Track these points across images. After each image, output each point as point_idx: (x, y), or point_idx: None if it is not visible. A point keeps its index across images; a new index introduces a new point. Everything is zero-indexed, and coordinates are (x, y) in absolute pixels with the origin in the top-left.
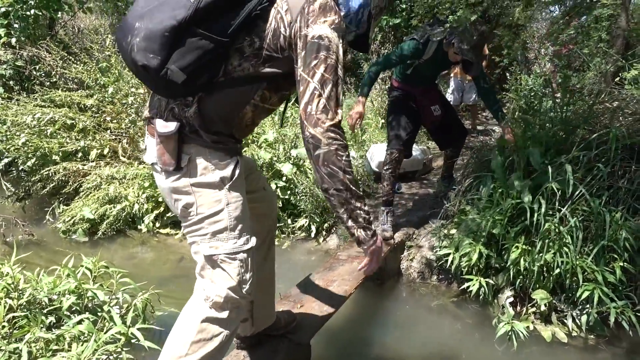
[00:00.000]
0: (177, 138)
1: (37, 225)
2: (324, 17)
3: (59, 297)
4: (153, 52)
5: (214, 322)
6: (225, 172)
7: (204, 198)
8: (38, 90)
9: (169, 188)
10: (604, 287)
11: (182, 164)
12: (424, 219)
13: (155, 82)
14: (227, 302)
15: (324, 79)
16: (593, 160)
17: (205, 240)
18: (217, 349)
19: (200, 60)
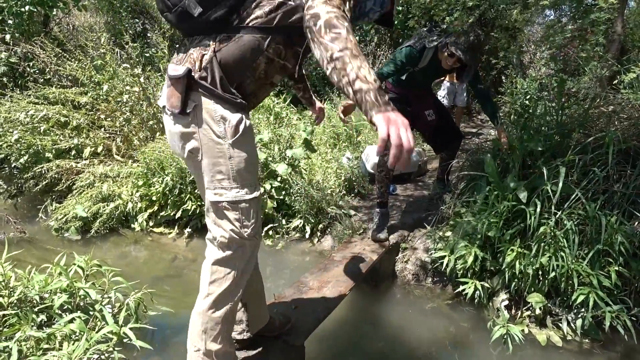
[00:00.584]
0: (186, 83)
1: (29, 222)
2: None
3: (50, 296)
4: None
5: (222, 261)
6: (230, 125)
7: (207, 147)
8: (32, 87)
9: (177, 132)
10: (599, 291)
11: (188, 109)
12: (419, 221)
13: (175, 15)
14: (232, 242)
15: None
16: (589, 164)
17: (211, 187)
18: (232, 287)
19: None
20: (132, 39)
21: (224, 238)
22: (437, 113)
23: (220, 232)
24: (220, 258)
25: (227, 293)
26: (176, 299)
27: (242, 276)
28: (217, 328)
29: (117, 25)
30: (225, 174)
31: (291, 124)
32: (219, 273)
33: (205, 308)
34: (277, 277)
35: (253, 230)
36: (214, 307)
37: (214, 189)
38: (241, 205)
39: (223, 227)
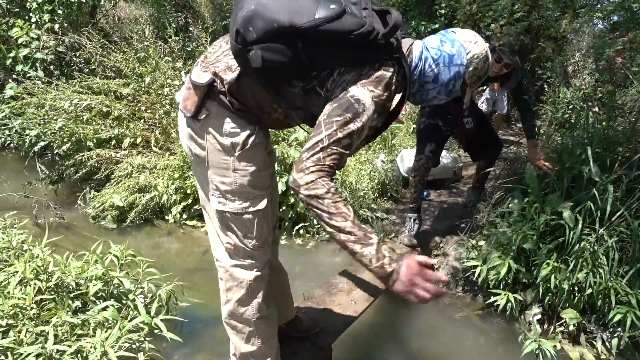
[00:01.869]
0: (205, 91)
1: (68, 209)
2: (373, 87)
3: (85, 283)
4: (253, 27)
5: (235, 268)
6: (237, 139)
7: (213, 156)
8: (77, 76)
9: (186, 133)
10: (637, 310)
11: (200, 117)
12: (452, 228)
13: (236, 49)
14: (238, 250)
15: (336, 137)
16: (634, 180)
17: (216, 195)
18: (249, 293)
19: (282, 65)
20: (175, 32)
21: (230, 245)
22: (476, 121)
23: (226, 239)
24: (229, 267)
25: (244, 299)
26: (206, 292)
27: (256, 285)
28: (246, 331)
29: (161, 18)
30: (229, 186)
31: None
32: (232, 281)
33: (226, 315)
34: (307, 276)
35: (258, 241)
36: (234, 313)
37: (218, 198)
38: (245, 217)
39: (228, 235)
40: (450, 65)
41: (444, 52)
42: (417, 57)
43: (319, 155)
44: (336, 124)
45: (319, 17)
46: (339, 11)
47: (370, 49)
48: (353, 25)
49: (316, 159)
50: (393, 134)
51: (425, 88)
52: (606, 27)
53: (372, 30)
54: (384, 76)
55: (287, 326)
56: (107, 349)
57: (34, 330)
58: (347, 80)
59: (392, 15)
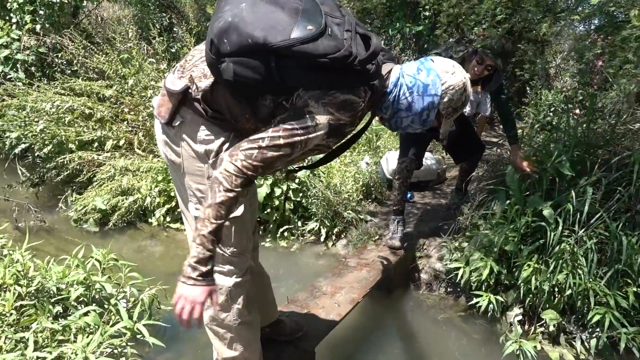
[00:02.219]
0: (180, 98)
1: (50, 212)
2: (334, 110)
3: (67, 287)
4: (227, 40)
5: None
6: (211, 146)
7: (188, 163)
8: (59, 77)
9: (162, 139)
10: (615, 311)
11: (174, 123)
12: (435, 230)
13: (210, 58)
14: (217, 257)
15: (276, 142)
16: (612, 182)
17: (193, 201)
18: (229, 299)
19: (253, 82)
20: (159, 33)
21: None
22: (459, 124)
23: None
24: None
25: (224, 305)
26: None
27: (236, 291)
28: (228, 336)
29: (145, 19)
30: (204, 193)
31: None
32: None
33: (207, 320)
34: (291, 279)
35: (237, 248)
36: (215, 319)
37: (195, 204)
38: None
39: None
40: (424, 94)
41: (419, 81)
42: (392, 83)
43: (253, 152)
44: (283, 131)
45: (293, 37)
46: (315, 33)
47: (345, 74)
48: (328, 49)
49: (249, 153)
50: (378, 135)
51: (399, 115)
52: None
53: (349, 55)
54: (351, 101)
55: (271, 329)
56: (88, 355)
57: (13, 336)
58: (312, 94)
59: (373, 42)
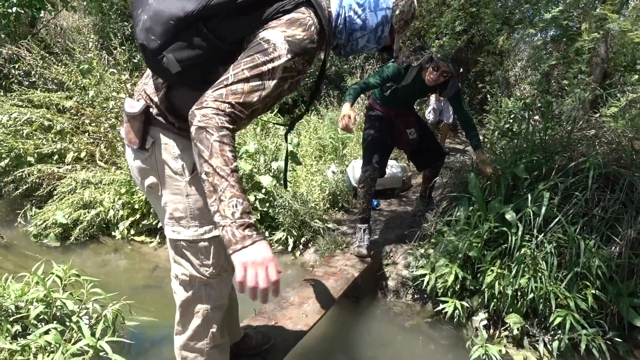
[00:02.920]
0: (144, 119)
1: (8, 227)
2: (285, 28)
3: (26, 305)
4: (154, 35)
5: (187, 302)
6: (189, 161)
7: (166, 183)
8: (16, 89)
9: (136, 167)
10: (575, 313)
11: (147, 146)
12: (402, 237)
13: (152, 63)
14: (193, 281)
15: (241, 75)
16: (570, 187)
17: (169, 224)
18: (204, 324)
19: (198, 59)
20: (121, 42)
21: (185, 276)
22: (419, 132)
23: (180, 270)
24: (185, 298)
25: (199, 330)
26: (155, 311)
27: (214, 314)
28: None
29: (106, 28)
30: (183, 212)
31: (277, 135)
32: (189, 312)
33: (182, 344)
34: None
35: (215, 269)
36: (190, 344)
37: (172, 226)
38: (200, 244)
39: (183, 265)
40: (376, 10)
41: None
42: (337, 5)
43: (221, 92)
44: (244, 64)
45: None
46: None
47: (271, 2)
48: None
49: (218, 94)
50: (344, 144)
51: (354, 37)
52: (543, 39)
53: None
54: (296, 18)
55: (236, 346)
56: None
57: None
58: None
59: None
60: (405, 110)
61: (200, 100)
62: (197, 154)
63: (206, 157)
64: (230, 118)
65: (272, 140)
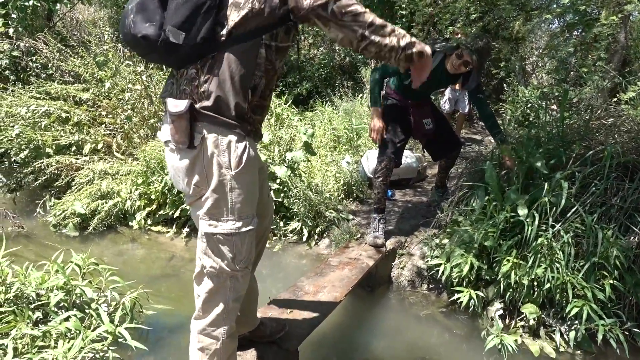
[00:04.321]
0: (189, 117)
1: (28, 217)
2: None
3: (46, 293)
4: (149, 20)
5: (213, 291)
6: (234, 155)
7: (212, 178)
8: (34, 81)
9: (182, 167)
10: (593, 304)
11: (195, 143)
12: (417, 227)
13: (161, 52)
14: (222, 273)
15: None
16: (587, 177)
17: (206, 218)
18: (224, 314)
19: (195, 13)
20: None
21: (214, 269)
22: (435, 122)
23: (210, 262)
24: (210, 288)
25: (219, 319)
26: (172, 299)
27: (234, 305)
28: (212, 348)
29: None
30: (224, 206)
31: (292, 126)
32: (210, 303)
33: (200, 329)
34: (274, 279)
35: (245, 262)
36: (209, 330)
37: (208, 220)
38: (235, 237)
39: (213, 259)
40: None
41: None
42: None
43: None
44: None
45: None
46: None
47: None
48: None
49: None
50: (358, 134)
51: None
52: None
53: None
54: None
55: (251, 333)
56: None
57: None
58: None
59: None
60: (422, 100)
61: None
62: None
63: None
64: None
65: (286, 131)
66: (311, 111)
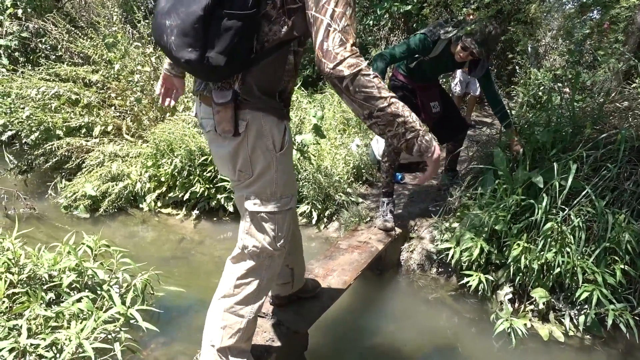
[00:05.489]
0: (234, 106)
1: (39, 199)
2: None
3: (59, 274)
4: (190, 46)
5: (250, 270)
6: (277, 138)
7: (258, 162)
8: (43, 63)
9: (226, 154)
10: (603, 288)
11: (240, 130)
12: (426, 211)
13: (202, 72)
14: (262, 252)
15: (336, 13)
16: (599, 160)
17: (251, 198)
18: (256, 293)
19: (234, 38)
20: (144, 15)
21: (256, 248)
22: (442, 104)
23: (252, 242)
24: (249, 267)
25: (250, 297)
26: (182, 281)
27: (267, 284)
28: (236, 327)
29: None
30: (269, 186)
31: (301, 108)
32: (245, 280)
33: (227, 307)
34: None
35: (285, 240)
36: (236, 308)
37: (254, 199)
38: (277, 216)
39: (257, 238)
40: None
41: None
42: None
43: (339, 37)
44: (327, 4)
45: None
46: None
47: None
48: None
49: (339, 41)
50: None
51: None
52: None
53: None
54: None
55: (299, 291)
56: (82, 340)
57: (6, 324)
58: None
59: None
60: (429, 82)
61: (327, 54)
62: (364, 97)
63: (376, 95)
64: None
65: (295, 114)
66: (321, 93)
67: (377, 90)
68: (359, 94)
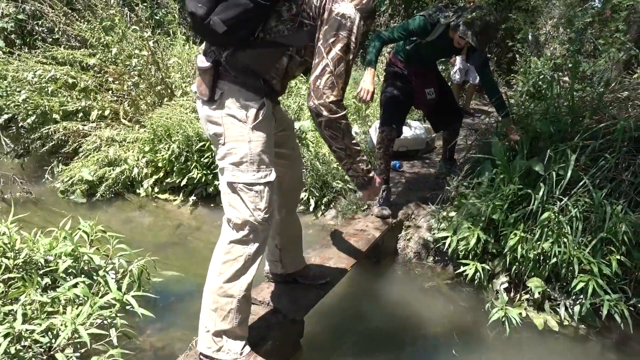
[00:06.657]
0: (213, 73)
1: (36, 183)
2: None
3: (55, 259)
4: (201, 2)
5: (236, 242)
6: (251, 111)
7: (230, 131)
8: (40, 46)
9: (204, 116)
10: (599, 279)
11: (216, 97)
12: (424, 199)
13: (200, 29)
14: (245, 224)
15: (338, 57)
16: (597, 150)
17: (229, 169)
18: (242, 269)
19: (241, 16)
20: None
21: (238, 219)
22: (438, 91)
23: (235, 213)
24: (234, 239)
25: (237, 274)
26: (179, 267)
27: (253, 259)
28: (227, 308)
29: None
30: (244, 157)
31: (300, 95)
32: (231, 254)
33: (216, 288)
34: None
35: (266, 214)
36: (225, 287)
37: (231, 171)
38: (255, 187)
39: (238, 209)
40: None
41: None
42: None
43: (332, 80)
44: (332, 44)
45: None
46: None
47: None
48: None
49: (330, 83)
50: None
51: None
52: None
53: None
54: None
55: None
56: (78, 326)
57: (1, 309)
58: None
59: None
60: (426, 67)
61: (317, 91)
62: (329, 136)
63: (339, 138)
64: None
65: (294, 100)
66: None
67: (341, 136)
68: (326, 132)
